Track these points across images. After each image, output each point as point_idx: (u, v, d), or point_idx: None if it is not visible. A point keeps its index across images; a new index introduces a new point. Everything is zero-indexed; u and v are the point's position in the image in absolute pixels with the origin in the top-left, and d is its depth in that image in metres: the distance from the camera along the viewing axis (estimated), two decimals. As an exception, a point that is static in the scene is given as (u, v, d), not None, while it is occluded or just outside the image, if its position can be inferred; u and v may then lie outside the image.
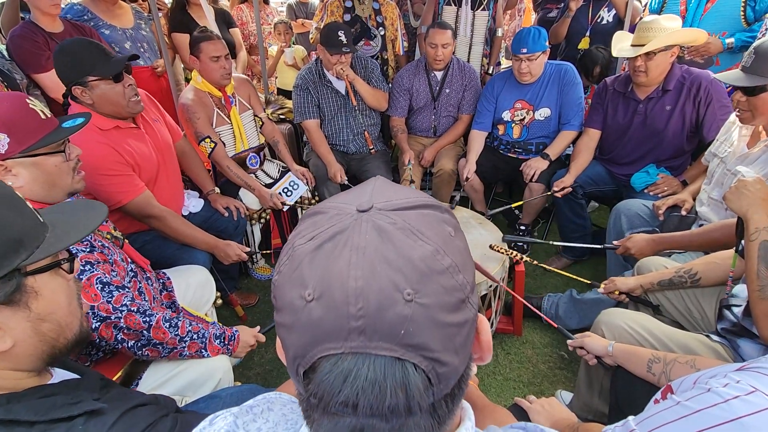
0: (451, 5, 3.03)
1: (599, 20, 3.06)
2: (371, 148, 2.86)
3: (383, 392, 0.37)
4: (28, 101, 1.18)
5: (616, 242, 1.87)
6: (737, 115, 1.68)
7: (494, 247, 1.92)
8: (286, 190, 2.56)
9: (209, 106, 2.33)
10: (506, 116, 2.70)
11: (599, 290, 1.69)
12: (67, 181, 1.25)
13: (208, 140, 2.29)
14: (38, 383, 0.72)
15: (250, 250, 2.07)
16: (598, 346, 1.33)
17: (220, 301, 1.94)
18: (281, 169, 2.68)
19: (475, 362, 0.47)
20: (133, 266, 1.42)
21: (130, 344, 1.22)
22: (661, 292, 1.58)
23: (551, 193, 2.46)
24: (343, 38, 2.46)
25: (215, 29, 2.98)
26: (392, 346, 0.36)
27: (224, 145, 2.38)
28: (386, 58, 3.22)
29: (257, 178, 2.56)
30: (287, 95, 3.54)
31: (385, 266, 0.37)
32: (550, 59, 2.60)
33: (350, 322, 0.36)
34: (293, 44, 4.05)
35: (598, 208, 3.28)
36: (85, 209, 0.84)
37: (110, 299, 1.19)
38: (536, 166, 2.55)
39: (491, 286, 1.84)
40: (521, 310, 2.12)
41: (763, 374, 0.72)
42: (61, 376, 0.77)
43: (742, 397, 0.69)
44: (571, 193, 2.44)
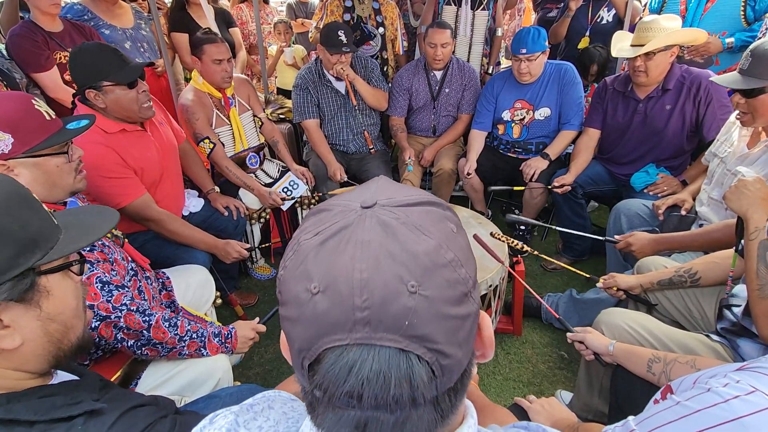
0: (450, 5, 3.03)
1: (599, 20, 3.06)
2: (371, 147, 2.86)
3: (388, 383, 0.37)
4: (33, 102, 1.18)
5: (618, 236, 1.87)
6: (738, 118, 1.69)
7: (495, 235, 1.91)
8: (285, 189, 2.55)
9: (208, 106, 2.33)
10: (506, 116, 2.70)
11: (598, 285, 1.70)
12: (68, 181, 1.25)
13: (207, 141, 2.29)
14: (39, 384, 0.72)
15: (250, 246, 2.07)
16: (598, 343, 1.33)
17: (219, 300, 1.94)
18: (281, 168, 2.68)
19: (477, 359, 0.47)
20: (133, 265, 1.42)
21: (129, 343, 1.22)
22: (660, 291, 1.58)
23: (551, 187, 2.46)
24: (343, 38, 2.46)
25: (215, 29, 2.98)
26: (397, 337, 0.37)
27: (223, 145, 2.38)
28: (386, 57, 3.21)
29: (257, 177, 2.55)
30: (287, 95, 3.54)
31: (389, 260, 0.38)
32: (549, 59, 2.60)
33: (355, 313, 0.37)
34: (293, 44, 4.05)
35: (597, 207, 3.28)
36: (96, 214, 0.86)
37: (110, 298, 1.19)
38: (536, 165, 2.55)
39: (491, 285, 1.84)
40: (521, 309, 2.12)
41: (762, 374, 0.72)
42: (61, 377, 0.78)
43: (742, 397, 0.69)
44: (570, 192, 2.45)
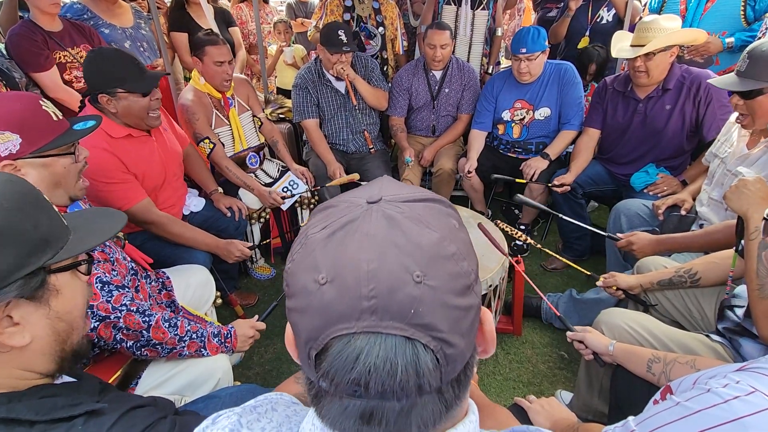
0: (450, 4, 3.02)
1: (599, 20, 3.06)
2: (371, 147, 2.86)
3: (394, 369, 0.38)
4: (41, 102, 1.19)
5: (620, 235, 1.87)
6: (738, 121, 1.69)
7: (499, 224, 1.91)
8: (285, 189, 2.55)
9: (208, 106, 2.33)
10: (506, 116, 2.69)
11: (598, 283, 1.70)
12: (71, 183, 1.26)
13: (207, 141, 2.29)
14: (42, 383, 0.72)
15: (252, 245, 2.07)
16: (598, 343, 1.33)
17: (219, 300, 1.94)
18: (281, 168, 2.68)
19: (480, 355, 0.48)
20: (132, 264, 1.42)
21: (129, 344, 1.22)
22: (660, 291, 1.58)
23: (550, 185, 2.46)
24: (343, 37, 2.45)
25: (215, 28, 2.98)
26: (403, 325, 0.38)
27: (223, 145, 2.38)
28: (386, 57, 3.21)
29: (257, 177, 2.55)
30: (287, 94, 3.54)
31: (395, 251, 0.39)
32: (549, 59, 2.60)
33: (362, 302, 0.38)
34: (293, 43, 4.05)
35: (597, 207, 3.28)
36: (104, 217, 0.88)
37: (110, 298, 1.19)
38: (536, 165, 2.55)
39: (491, 285, 1.84)
40: (521, 309, 2.12)
41: (762, 374, 0.72)
42: (61, 379, 0.78)
43: (741, 397, 0.69)
44: (570, 192, 2.44)
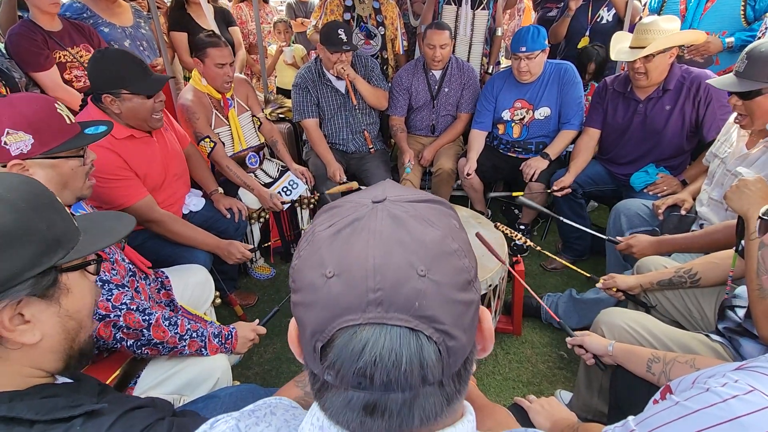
0: (451, 4, 3.02)
1: (599, 20, 3.06)
2: (370, 147, 2.86)
3: (399, 360, 0.39)
4: (56, 105, 1.22)
5: (619, 238, 1.87)
6: (737, 121, 1.69)
7: (499, 226, 1.90)
8: (285, 189, 2.55)
9: (208, 106, 2.33)
10: (506, 115, 2.69)
11: (598, 285, 1.70)
12: (78, 184, 1.28)
13: (207, 140, 2.29)
14: (43, 383, 0.72)
15: (252, 247, 2.07)
16: (598, 345, 1.33)
17: (218, 300, 1.94)
18: (280, 168, 2.68)
19: (478, 354, 0.49)
20: (131, 266, 1.42)
21: (129, 343, 1.22)
22: (660, 291, 1.58)
23: (550, 191, 2.46)
24: (343, 36, 2.46)
25: (215, 28, 2.98)
26: (407, 317, 0.39)
27: (223, 144, 2.38)
28: (386, 57, 3.21)
29: (256, 177, 2.55)
30: (286, 94, 3.54)
31: (400, 247, 0.41)
32: (549, 59, 2.60)
33: (368, 294, 0.39)
34: (293, 43, 4.05)
35: (597, 207, 3.28)
36: (113, 219, 0.91)
37: (110, 297, 1.19)
38: (536, 165, 2.55)
39: (491, 285, 1.84)
40: (521, 309, 2.12)
41: (761, 373, 0.72)
42: (61, 380, 0.78)
43: (740, 396, 0.69)
44: (570, 192, 2.44)
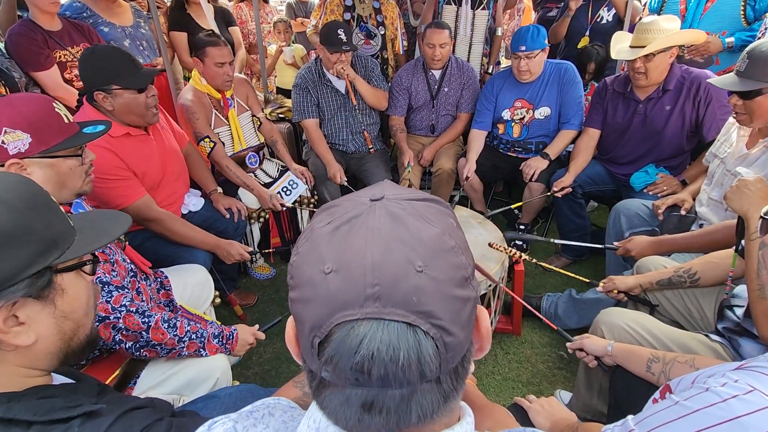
0: (451, 4, 3.02)
1: (599, 20, 3.06)
2: (370, 147, 2.86)
3: (396, 354, 0.39)
4: (54, 105, 1.23)
5: (617, 243, 1.87)
6: (735, 117, 1.68)
7: (493, 245, 1.91)
8: (285, 189, 2.55)
9: (207, 106, 2.33)
10: (506, 115, 2.69)
11: (598, 289, 1.69)
12: (77, 183, 1.28)
13: (207, 140, 2.29)
14: (41, 384, 0.72)
15: (252, 249, 2.07)
16: (597, 346, 1.33)
17: (218, 300, 1.94)
18: (280, 168, 2.67)
19: (476, 353, 0.49)
20: (132, 266, 1.42)
21: (128, 345, 1.22)
22: (660, 291, 1.57)
23: (551, 193, 2.46)
24: (343, 37, 2.45)
25: (215, 28, 2.98)
26: (405, 312, 0.39)
27: (223, 144, 2.38)
28: (386, 57, 3.21)
29: (256, 177, 2.55)
30: (286, 94, 3.53)
31: (398, 244, 0.41)
32: (549, 59, 2.60)
33: (366, 289, 0.39)
34: (292, 43, 4.05)
35: (597, 207, 3.28)
36: (109, 218, 0.90)
37: (109, 299, 1.19)
38: (536, 165, 2.55)
39: (491, 285, 1.83)
40: (520, 309, 2.12)
41: (761, 373, 0.72)
42: (59, 380, 0.78)
43: (740, 396, 0.69)
44: (570, 192, 2.44)
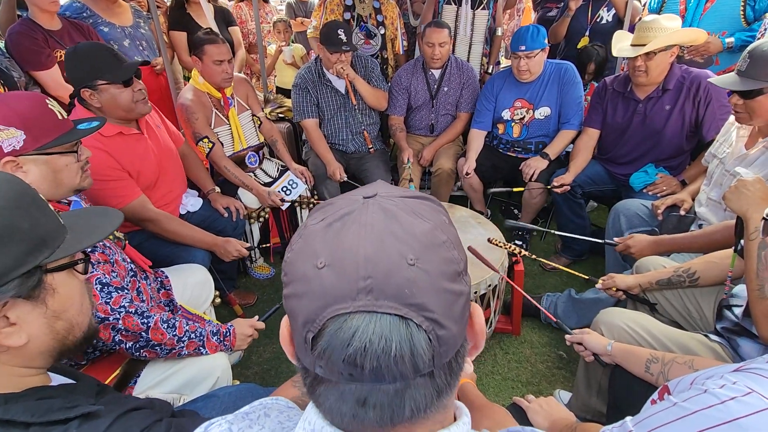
0: (451, 4, 3.02)
1: (599, 20, 3.06)
2: (370, 147, 2.86)
3: (389, 346, 0.39)
4: (47, 101, 1.22)
5: (617, 239, 1.87)
6: (735, 115, 1.69)
7: (493, 240, 1.91)
8: (285, 189, 2.55)
9: (208, 106, 2.33)
10: (506, 115, 2.69)
11: (597, 286, 1.70)
12: (74, 180, 1.28)
13: (206, 140, 2.29)
14: (39, 384, 0.72)
15: (249, 245, 2.07)
16: (597, 344, 1.33)
17: (218, 300, 1.94)
18: (280, 167, 2.67)
19: (471, 352, 0.49)
20: (132, 266, 1.42)
21: (128, 345, 1.22)
22: (659, 291, 1.58)
23: (550, 187, 2.46)
24: (342, 36, 2.45)
25: (215, 27, 2.98)
26: (397, 305, 0.39)
27: (222, 145, 2.38)
28: (386, 57, 3.21)
29: (256, 176, 2.55)
30: (286, 94, 3.53)
31: (391, 238, 0.42)
32: (549, 59, 2.60)
33: (359, 282, 0.40)
34: (292, 43, 4.05)
35: (597, 207, 3.28)
36: (100, 215, 0.89)
37: (109, 300, 1.19)
38: (536, 165, 2.55)
39: (490, 285, 1.84)
40: (520, 309, 2.12)
41: (759, 375, 0.72)
42: (58, 380, 0.78)
43: (738, 398, 0.69)
44: (570, 192, 2.44)
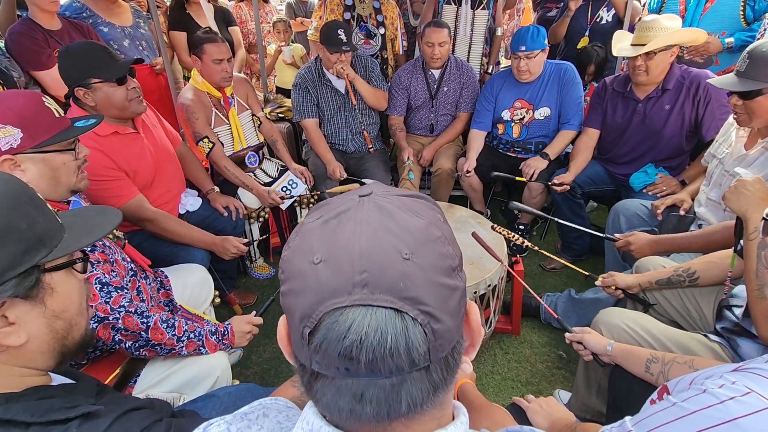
0: (450, 4, 3.02)
1: (598, 20, 3.06)
2: (370, 147, 2.86)
3: (384, 338, 0.40)
4: (43, 99, 1.22)
5: (618, 235, 1.87)
6: (734, 117, 1.69)
7: (496, 228, 1.91)
8: (284, 188, 2.55)
9: (208, 106, 2.33)
10: (506, 115, 2.69)
11: (597, 283, 1.70)
12: (71, 179, 1.28)
13: (206, 140, 2.29)
14: (40, 384, 0.72)
15: (247, 241, 2.07)
16: (597, 344, 1.33)
17: (218, 300, 1.94)
18: (280, 167, 2.67)
19: (468, 350, 0.49)
20: (132, 265, 1.42)
21: (127, 345, 1.22)
22: (659, 291, 1.58)
23: (550, 183, 2.46)
24: (342, 36, 2.45)
25: (215, 27, 2.98)
26: (392, 298, 0.40)
27: (222, 145, 2.38)
28: (386, 57, 3.21)
29: (256, 176, 2.55)
30: (286, 94, 3.53)
31: (386, 233, 0.42)
32: (549, 59, 2.60)
33: (354, 276, 0.40)
34: (292, 42, 4.04)
35: (596, 207, 3.28)
36: (99, 214, 0.89)
37: (108, 300, 1.19)
38: (535, 165, 2.55)
39: (489, 285, 1.84)
40: (519, 309, 2.12)
41: (758, 375, 0.72)
42: (58, 380, 0.78)
43: (737, 398, 0.69)
44: (569, 192, 2.44)
